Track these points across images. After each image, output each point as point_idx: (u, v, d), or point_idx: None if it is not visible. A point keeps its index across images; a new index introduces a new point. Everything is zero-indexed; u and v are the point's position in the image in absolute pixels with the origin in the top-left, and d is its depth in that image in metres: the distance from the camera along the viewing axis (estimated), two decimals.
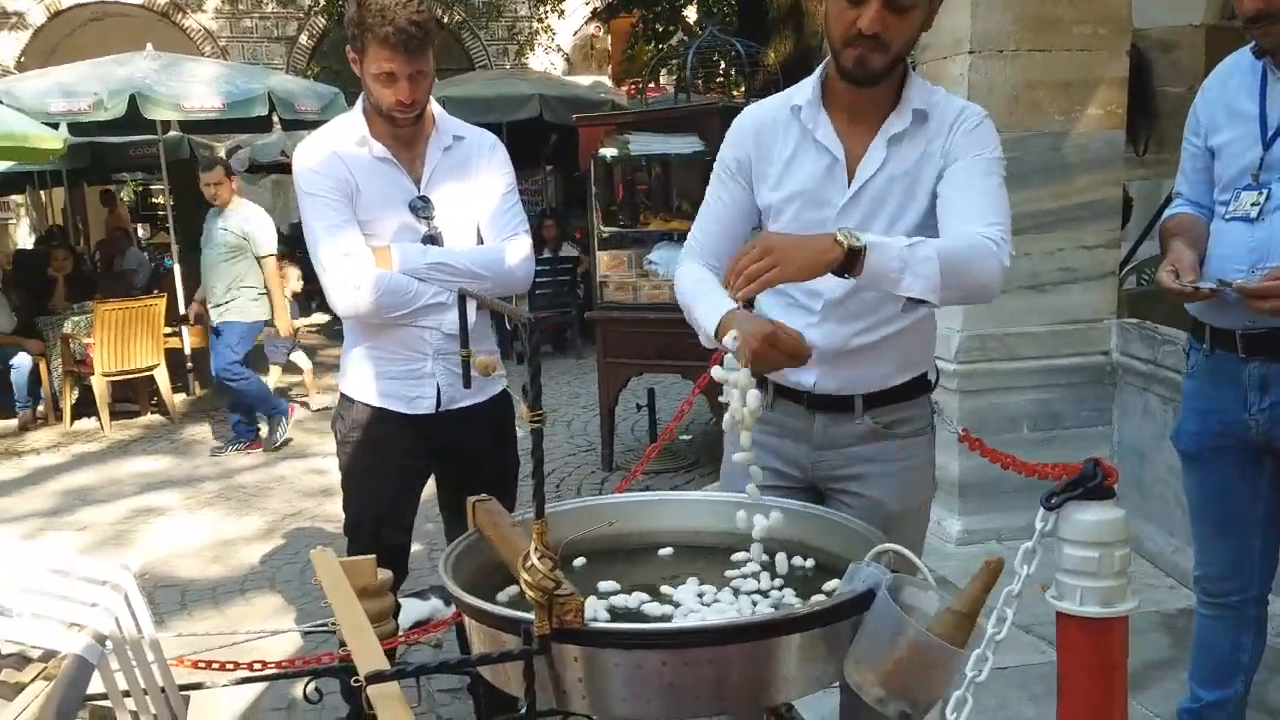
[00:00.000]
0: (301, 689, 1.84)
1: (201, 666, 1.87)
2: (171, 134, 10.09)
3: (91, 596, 1.53)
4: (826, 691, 2.07)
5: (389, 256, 2.50)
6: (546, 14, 18.02)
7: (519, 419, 2.65)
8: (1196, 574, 2.57)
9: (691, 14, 15.69)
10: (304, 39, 18.35)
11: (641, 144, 6.26)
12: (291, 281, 8.95)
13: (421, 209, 2.56)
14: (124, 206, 16.59)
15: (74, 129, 8.89)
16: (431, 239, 2.56)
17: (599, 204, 6.41)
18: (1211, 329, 2.42)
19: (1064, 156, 4.24)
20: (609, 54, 19.25)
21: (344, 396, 2.67)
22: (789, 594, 1.63)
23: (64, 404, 8.29)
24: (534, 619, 1.32)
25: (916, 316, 1.99)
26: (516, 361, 8.72)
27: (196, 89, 8.40)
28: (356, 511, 2.70)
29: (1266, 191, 2.26)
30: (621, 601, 1.60)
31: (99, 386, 7.90)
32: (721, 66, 7.61)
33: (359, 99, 2.57)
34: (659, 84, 11.96)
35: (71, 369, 8.17)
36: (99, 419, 8.00)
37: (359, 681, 1.32)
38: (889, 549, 1.55)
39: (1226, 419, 2.40)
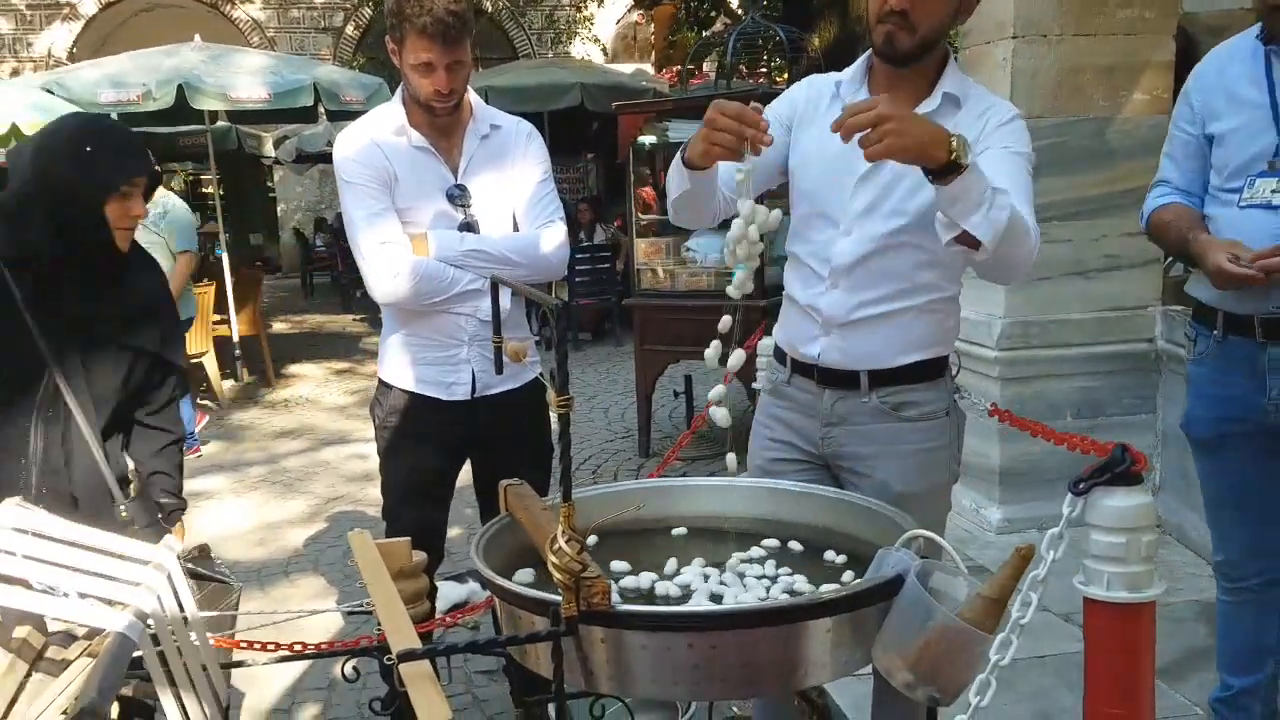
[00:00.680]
0: (340, 669, 1.87)
1: (244, 646, 1.91)
2: (219, 124, 10.22)
3: (136, 576, 1.57)
4: (859, 679, 2.08)
5: (426, 244, 2.53)
6: (586, 3, 18.02)
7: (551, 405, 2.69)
8: (1216, 559, 2.55)
9: (734, 0, 15.61)
10: (350, 29, 18.51)
11: (681, 131, 6.25)
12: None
13: (458, 197, 2.58)
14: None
15: (124, 119, 9.02)
16: (468, 226, 2.58)
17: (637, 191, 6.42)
18: (1225, 315, 2.39)
19: (1109, 142, 4.18)
20: (651, 42, 19.20)
21: (382, 382, 2.70)
22: (800, 580, 1.63)
23: None
24: (561, 601, 1.34)
25: (928, 297, 2.02)
26: (547, 348, 8.77)
27: (243, 80, 8.49)
28: (393, 495, 2.73)
29: None
30: (633, 583, 1.62)
31: None
32: (764, 53, 7.57)
33: (399, 89, 2.60)
34: (701, 71, 11.91)
35: None
36: None
37: (391, 659, 1.34)
38: (919, 534, 1.55)
39: (1244, 404, 2.37)
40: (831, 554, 1.72)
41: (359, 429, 7.33)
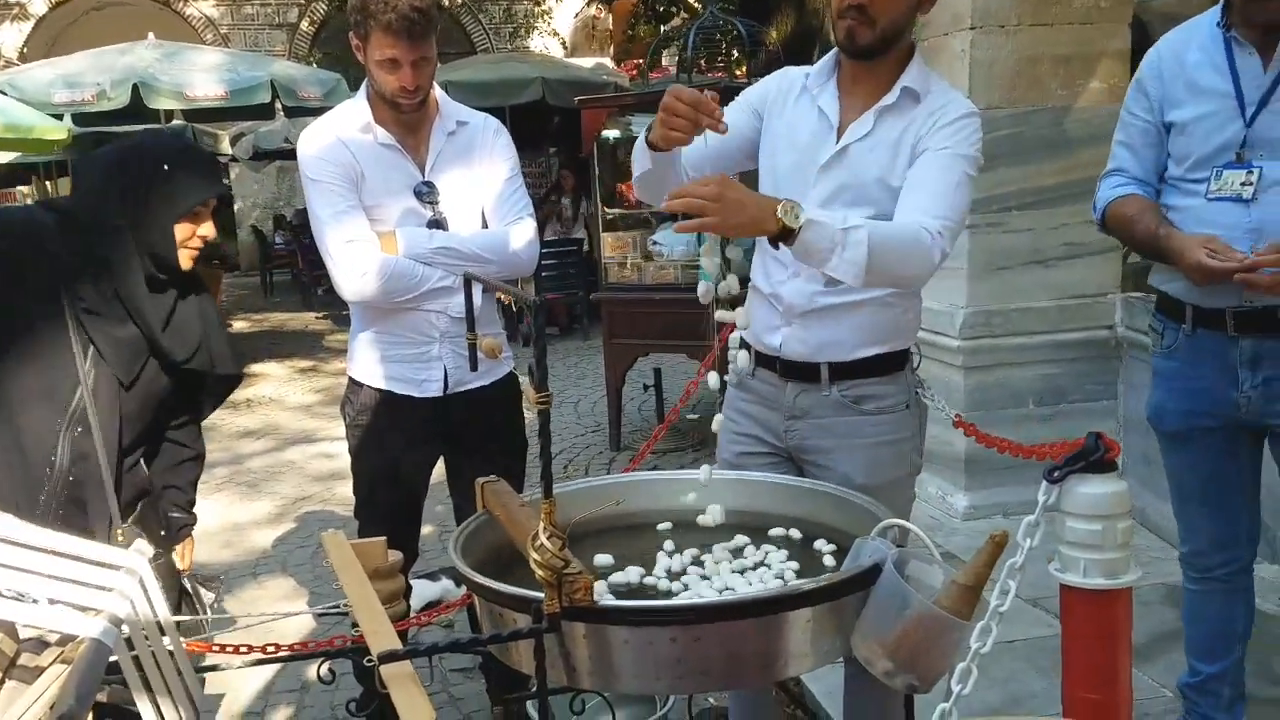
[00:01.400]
0: (315, 670, 1.86)
1: (216, 649, 1.89)
2: (175, 123, 10.09)
3: (107, 581, 1.55)
4: (833, 667, 2.10)
5: (394, 242, 2.51)
6: None
7: (526, 401, 2.68)
8: (1183, 550, 2.54)
9: None
10: (305, 25, 18.31)
11: (644, 125, 6.23)
12: None
13: (426, 194, 2.57)
14: None
15: (78, 119, 8.89)
16: (436, 224, 2.57)
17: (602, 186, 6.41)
18: (1195, 308, 2.36)
19: (1066, 131, 4.23)
20: (610, 35, 19.17)
21: (352, 380, 2.68)
22: (788, 571, 1.64)
23: None
24: (544, 598, 1.34)
25: (888, 291, 2.05)
26: (522, 344, 8.74)
27: (199, 77, 8.39)
28: (366, 494, 2.72)
29: (1258, 170, 2.22)
30: (621, 578, 1.62)
31: None
32: (723, 46, 7.58)
33: (363, 85, 2.58)
34: (661, 65, 11.91)
35: None
36: None
37: (372, 661, 1.34)
38: (894, 524, 1.56)
39: (1214, 398, 2.36)
40: (822, 543, 1.74)
41: (324, 428, 7.27)
